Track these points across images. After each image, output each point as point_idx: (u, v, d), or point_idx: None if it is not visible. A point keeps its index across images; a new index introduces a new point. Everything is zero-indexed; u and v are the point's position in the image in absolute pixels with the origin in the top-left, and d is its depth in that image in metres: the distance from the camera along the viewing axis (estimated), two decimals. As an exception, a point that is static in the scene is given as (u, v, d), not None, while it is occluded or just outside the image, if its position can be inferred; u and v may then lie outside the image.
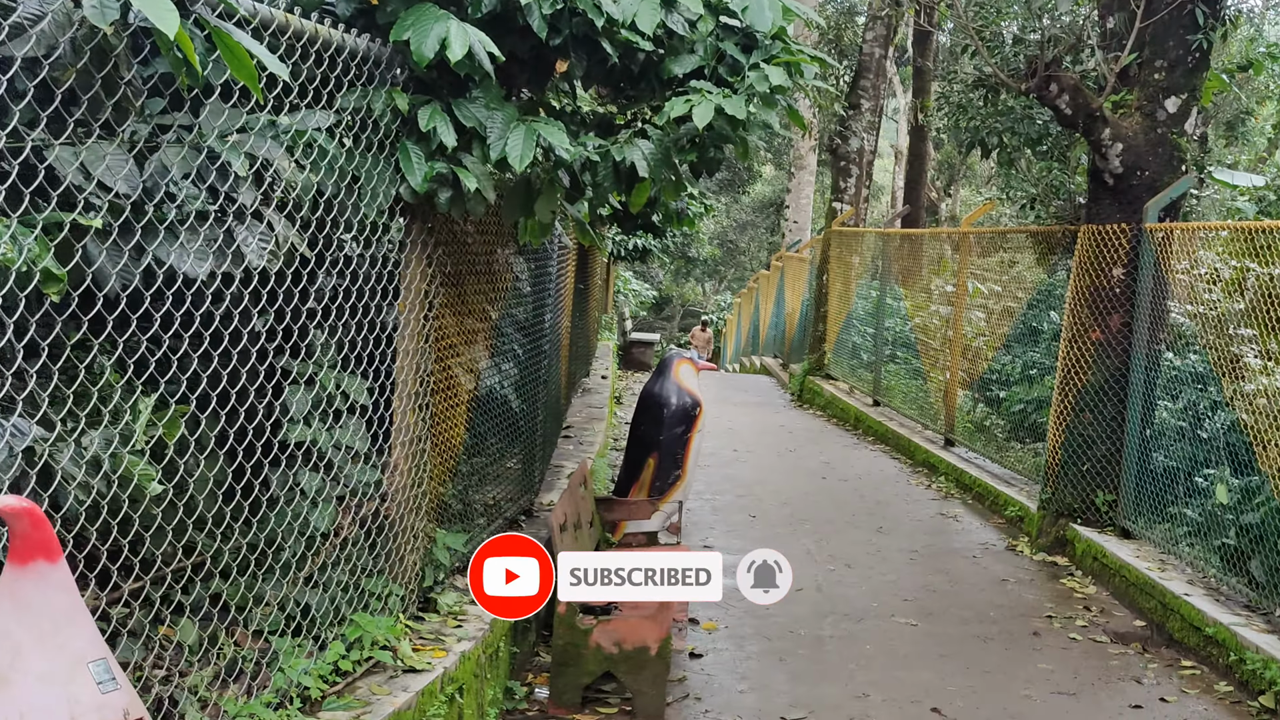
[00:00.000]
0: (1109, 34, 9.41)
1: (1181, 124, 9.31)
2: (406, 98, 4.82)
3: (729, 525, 10.49)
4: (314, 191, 4.46)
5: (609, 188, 5.45)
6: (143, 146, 3.93)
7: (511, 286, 7.35)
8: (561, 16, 4.97)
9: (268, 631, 4.65)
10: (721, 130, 5.19)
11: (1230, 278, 8.18)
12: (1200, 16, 9.10)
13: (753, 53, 5.34)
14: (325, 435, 4.82)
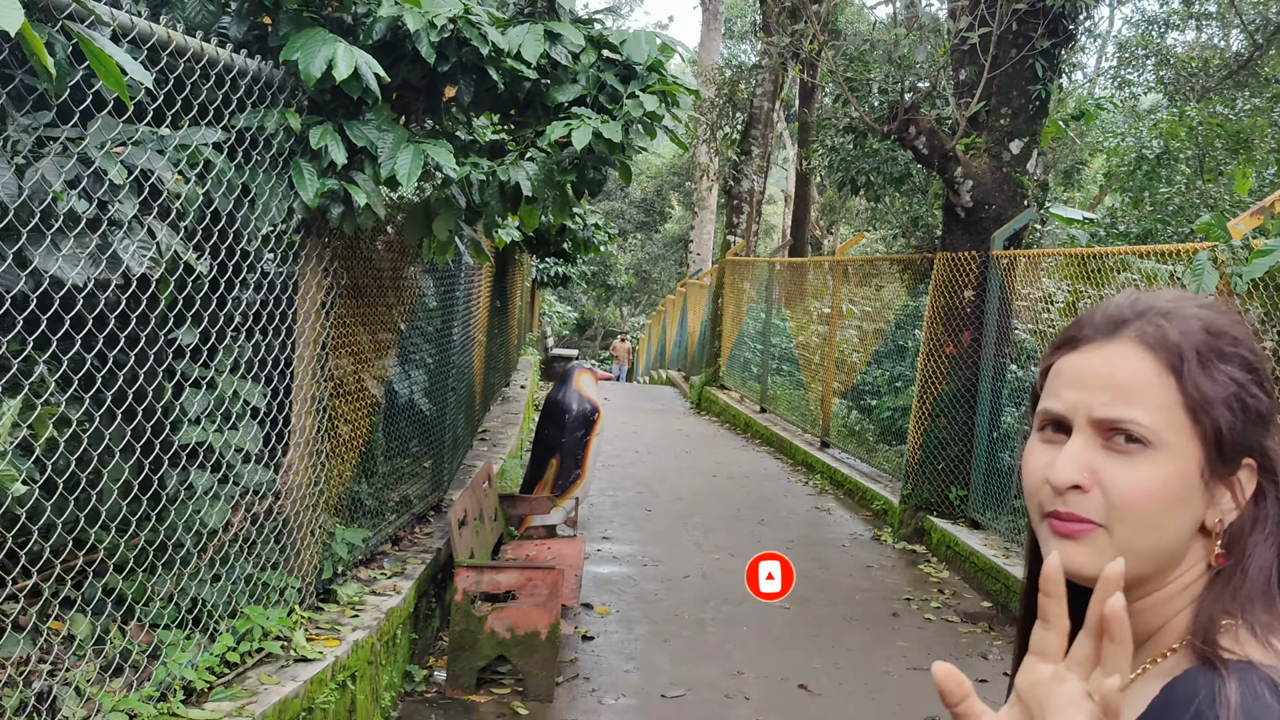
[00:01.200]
0: (961, 84, 9.28)
1: (1024, 164, 9.20)
2: (300, 118, 4.46)
3: (627, 519, 10.18)
4: (200, 203, 4.05)
5: (497, 207, 5.10)
6: (26, 155, 3.51)
7: (419, 301, 6.99)
8: (449, 44, 4.65)
9: (161, 626, 4.21)
10: (600, 153, 4.87)
11: (1066, 299, 8.03)
12: (1040, 70, 9.01)
13: (630, 83, 5.02)
14: (218, 437, 4.42)
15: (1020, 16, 8.81)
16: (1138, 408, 1.06)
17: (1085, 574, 1.04)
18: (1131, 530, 1.06)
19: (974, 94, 9.09)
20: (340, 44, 4.24)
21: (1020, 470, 1.18)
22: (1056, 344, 1.19)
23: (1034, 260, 8.70)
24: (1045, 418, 1.14)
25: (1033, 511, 1.14)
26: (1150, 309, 1.13)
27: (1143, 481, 1.05)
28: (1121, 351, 1.10)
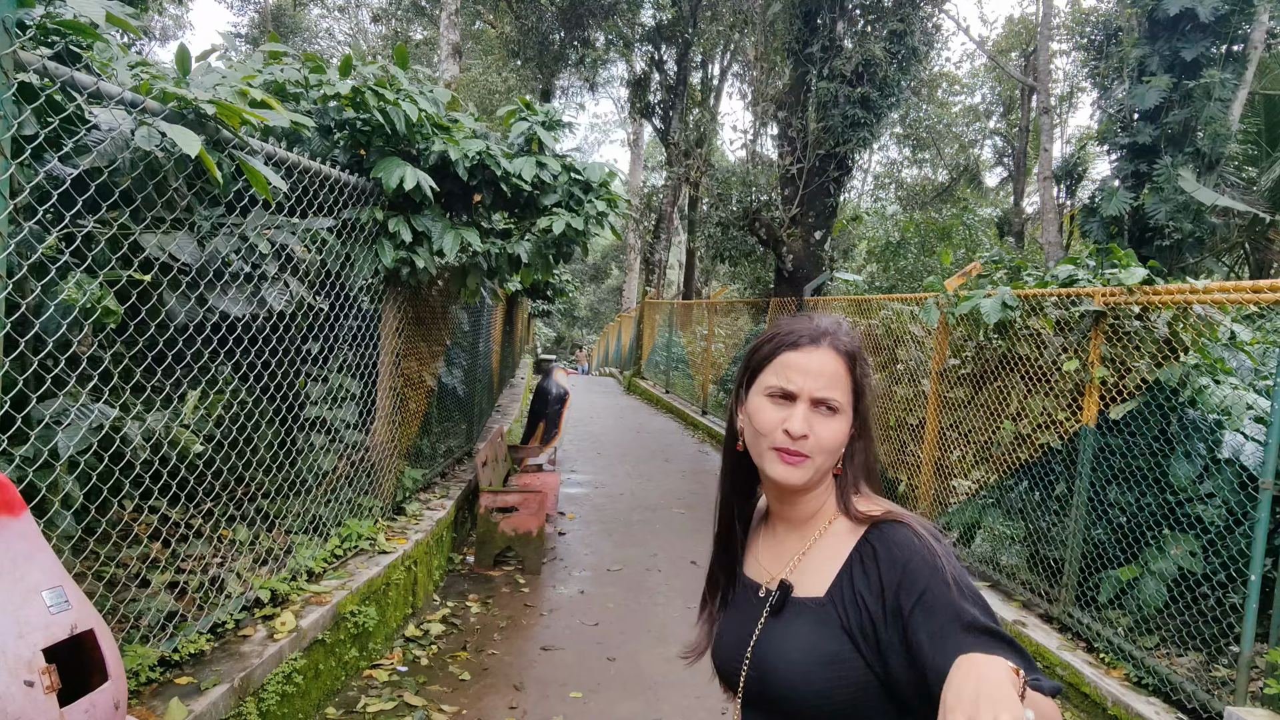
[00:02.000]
0: (785, 197, 9.25)
1: (823, 246, 9.17)
2: (382, 212, 4.21)
3: (586, 459, 9.98)
4: (319, 265, 3.81)
5: (506, 269, 4.90)
6: (205, 234, 3.26)
7: (458, 326, 6.75)
8: (477, 168, 4.45)
9: (293, 533, 3.96)
10: (570, 236, 4.71)
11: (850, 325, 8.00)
12: (831, 189, 8.98)
13: (589, 193, 4.85)
14: (330, 413, 4.17)
15: (820, 158, 8.78)
16: (837, 391, 1.13)
17: (798, 483, 1.13)
18: (824, 459, 1.13)
19: (794, 203, 9.04)
20: (408, 167, 4.02)
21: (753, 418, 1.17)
22: (778, 341, 1.18)
23: (827, 303, 8.67)
24: (778, 390, 1.14)
25: (762, 445, 1.14)
26: (837, 327, 1.19)
27: (835, 433, 1.13)
28: (825, 354, 1.14)
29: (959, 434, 5.55)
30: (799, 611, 1.14)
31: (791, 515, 1.21)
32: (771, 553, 1.23)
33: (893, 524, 1.14)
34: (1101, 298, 4.21)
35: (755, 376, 1.18)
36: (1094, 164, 17.32)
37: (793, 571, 1.18)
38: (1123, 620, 4.04)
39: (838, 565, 1.15)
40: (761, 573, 1.22)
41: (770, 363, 1.16)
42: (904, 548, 1.10)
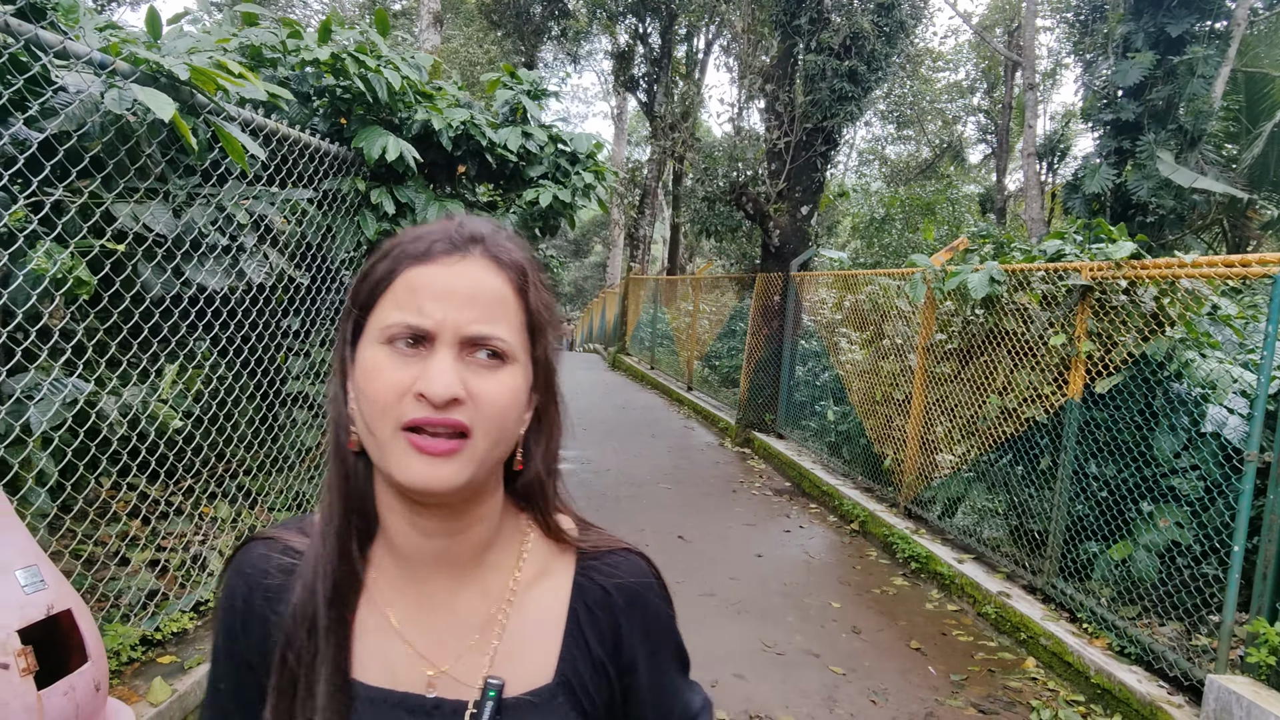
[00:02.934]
0: (772, 172, 9.16)
1: (809, 221, 9.11)
2: (364, 183, 4.10)
3: (571, 436, 9.44)
4: (299, 237, 3.71)
5: (492, 242, 4.80)
6: (180, 204, 3.15)
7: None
8: (461, 138, 4.34)
9: (275, 510, 3.89)
10: (557, 209, 4.61)
11: (835, 301, 7.98)
12: (818, 164, 8.92)
13: (576, 165, 4.75)
14: (312, 388, 4.08)
15: (808, 133, 8.70)
16: (502, 326, 0.70)
17: (452, 485, 0.67)
18: (492, 439, 0.69)
19: (780, 178, 8.97)
20: (391, 137, 3.91)
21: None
22: (398, 252, 0.72)
23: (814, 278, 8.64)
24: (402, 329, 0.68)
25: (382, 430, 0.67)
26: (495, 231, 0.75)
27: (506, 392, 0.69)
28: (479, 269, 0.70)
29: (945, 408, 5.57)
30: (526, 718, 0.73)
31: (452, 553, 0.74)
32: (424, 626, 0.74)
33: (624, 554, 0.83)
34: (1089, 272, 4.21)
35: (365, 317, 0.72)
36: (1077, 141, 17.36)
37: (494, 656, 0.74)
38: (1105, 591, 4.08)
39: (559, 623, 0.77)
40: (409, 669, 0.73)
41: (386, 289, 0.71)
42: (645, 595, 0.81)
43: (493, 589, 0.76)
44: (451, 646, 0.74)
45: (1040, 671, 3.91)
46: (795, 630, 4.24)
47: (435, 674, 0.73)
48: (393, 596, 0.75)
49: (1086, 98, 11.92)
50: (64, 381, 2.56)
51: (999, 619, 4.36)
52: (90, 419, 2.60)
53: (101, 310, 2.76)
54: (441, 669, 0.73)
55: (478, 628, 0.75)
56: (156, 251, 3.05)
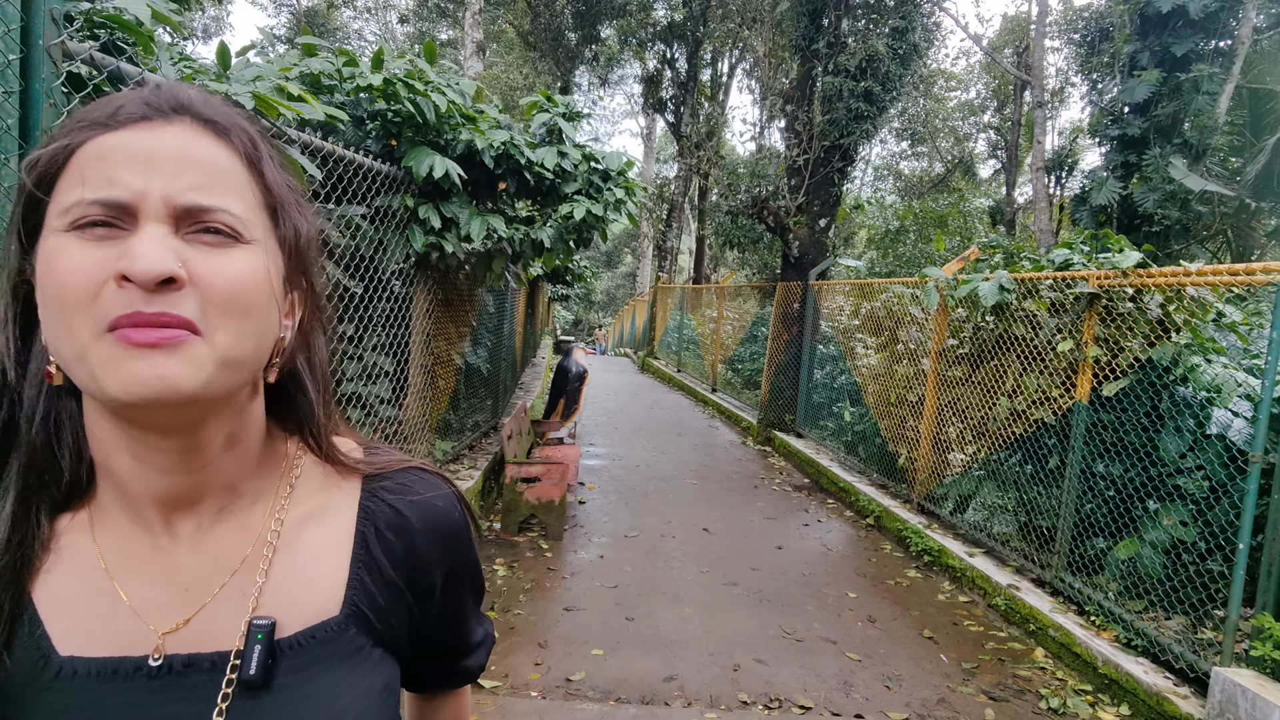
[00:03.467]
0: (792, 186, 9.10)
1: (827, 233, 9.04)
2: (413, 199, 4.15)
3: (604, 433, 9.94)
4: (353, 250, 3.76)
5: (530, 254, 4.84)
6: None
7: (484, 308, 6.71)
8: (502, 157, 4.38)
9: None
10: (590, 222, 4.63)
11: (851, 308, 7.90)
12: (835, 179, 8.85)
13: (608, 181, 4.77)
14: (365, 389, 4.14)
15: (825, 150, 8.64)
16: (229, 195, 0.53)
17: (184, 390, 0.49)
18: (235, 334, 0.51)
19: (800, 192, 8.91)
20: (437, 156, 3.96)
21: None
22: (80, 123, 0.52)
23: (831, 286, 8.57)
24: (94, 210, 0.49)
25: (80, 330, 0.48)
26: (208, 96, 0.56)
27: (245, 273, 0.52)
28: (190, 134, 0.53)
29: (956, 410, 5.48)
30: (311, 660, 0.57)
31: (198, 490, 0.57)
32: (162, 578, 0.57)
33: (417, 472, 0.68)
34: (1096, 280, 4.11)
35: (39, 208, 0.52)
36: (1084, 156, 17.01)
37: (258, 596, 0.58)
38: (1112, 585, 3.98)
39: (343, 550, 0.62)
40: (133, 632, 0.55)
41: (67, 167, 0.51)
42: (444, 512, 0.67)
43: (253, 523, 0.60)
44: (199, 594, 0.57)
45: (1049, 661, 3.82)
46: (813, 618, 4.20)
47: (173, 629, 0.55)
48: (118, 545, 0.57)
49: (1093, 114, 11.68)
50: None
51: (1009, 610, 4.28)
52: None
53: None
54: (183, 620, 0.56)
55: (233, 569, 0.58)
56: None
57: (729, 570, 4.93)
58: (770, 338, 9.67)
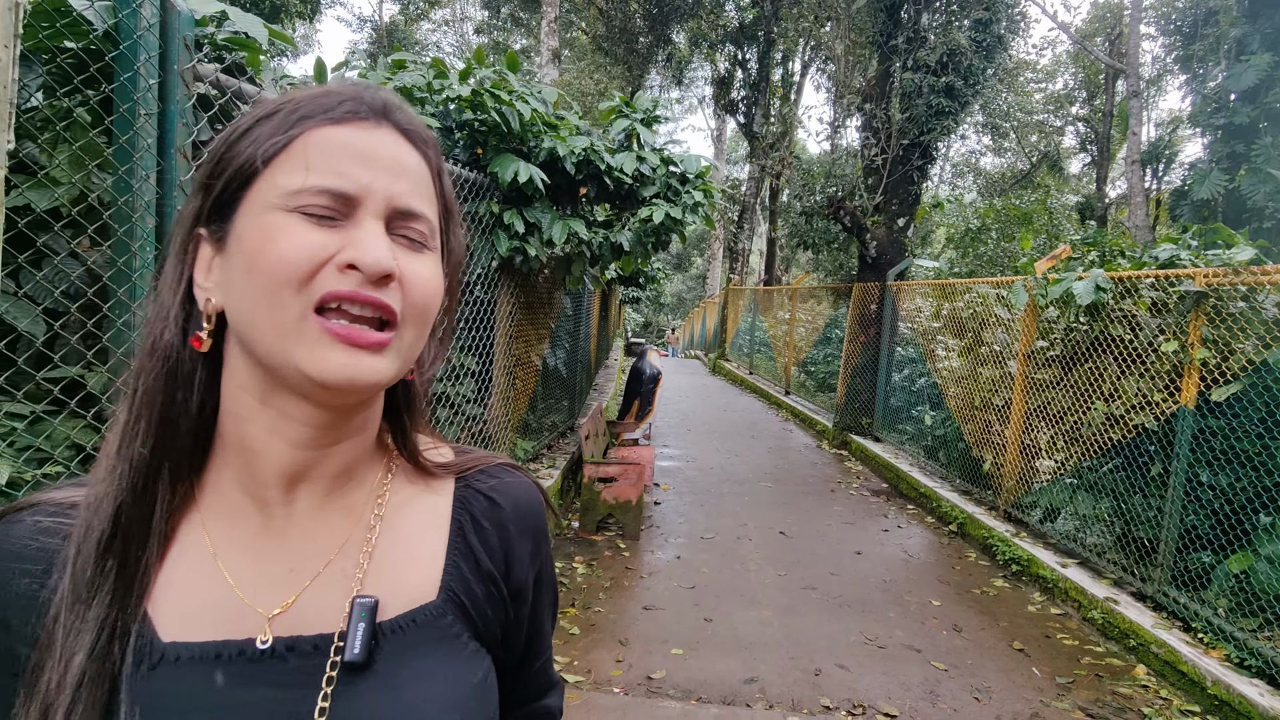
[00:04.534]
0: (870, 185, 8.91)
1: (906, 232, 8.83)
2: (498, 205, 4.27)
3: (676, 435, 9.96)
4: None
5: (609, 257, 4.91)
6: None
7: (562, 311, 6.83)
8: (583, 163, 4.46)
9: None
10: (669, 225, 4.67)
11: (932, 309, 7.68)
12: (915, 178, 8.63)
13: (686, 184, 4.79)
14: (452, 389, 4.28)
15: (904, 148, 8.44)
16: (427, 204, 0.56)
17: (380, 381, 0.53)
18: (418, 332, 0.55)
19: (877, 191, 8.73)
20: (521, 163, 4.07)
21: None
22: (296, 110, 0.54)
23: (910, 287, 8.35)
24: (322, 199, 0.51)
25: (289, 306, 0.50)
26: (402, 102, 0.59)
27: (432, 279, 0.56)
28: (396, 140, 0.56)
29: (1046, 414, 5.26)
30: (408, 645, 0.57)
31: (321, 468, 0.58)
32: (269, 559, 0.57)
33: (507, 468, 0.69)
34: (1204, 278, 3.89)
35: (246, 185, 0.53)
36: (1184, 147, 16.03)
37: (362, 578, 0.58)
38: (1221, 601, 3.75)
39: (440, 536, 0.63)
40: (239, 614, 0.55)
41: (285, 150, 0.53)
42: (536, 511, 0.68)
43: (358, 506, 0.60)
44: (303, 575, 0.57)
45: (1151, 679, 3.63)
46: (895, 625, 4.11)
47: (279, 612, 0.55)
48: (224, 528, 0.57)
49: (1195, 102, 11.01)
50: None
51: (1106, 625, 4.08)
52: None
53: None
54: (287, 603, 0.56)
55: (339, 549, 0.58)
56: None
57: (807, 574, 4.87)
58: (846, 340, 9.50)
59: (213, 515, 0.57)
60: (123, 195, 2.01)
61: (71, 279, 2.04)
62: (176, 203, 2.12)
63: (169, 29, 2.07)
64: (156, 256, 2.06)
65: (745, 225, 19.58)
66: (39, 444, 1.88)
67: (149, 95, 2.03)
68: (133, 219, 2.02)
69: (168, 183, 2.10)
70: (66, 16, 1.91)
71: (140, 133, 2.01)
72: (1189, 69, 12.06)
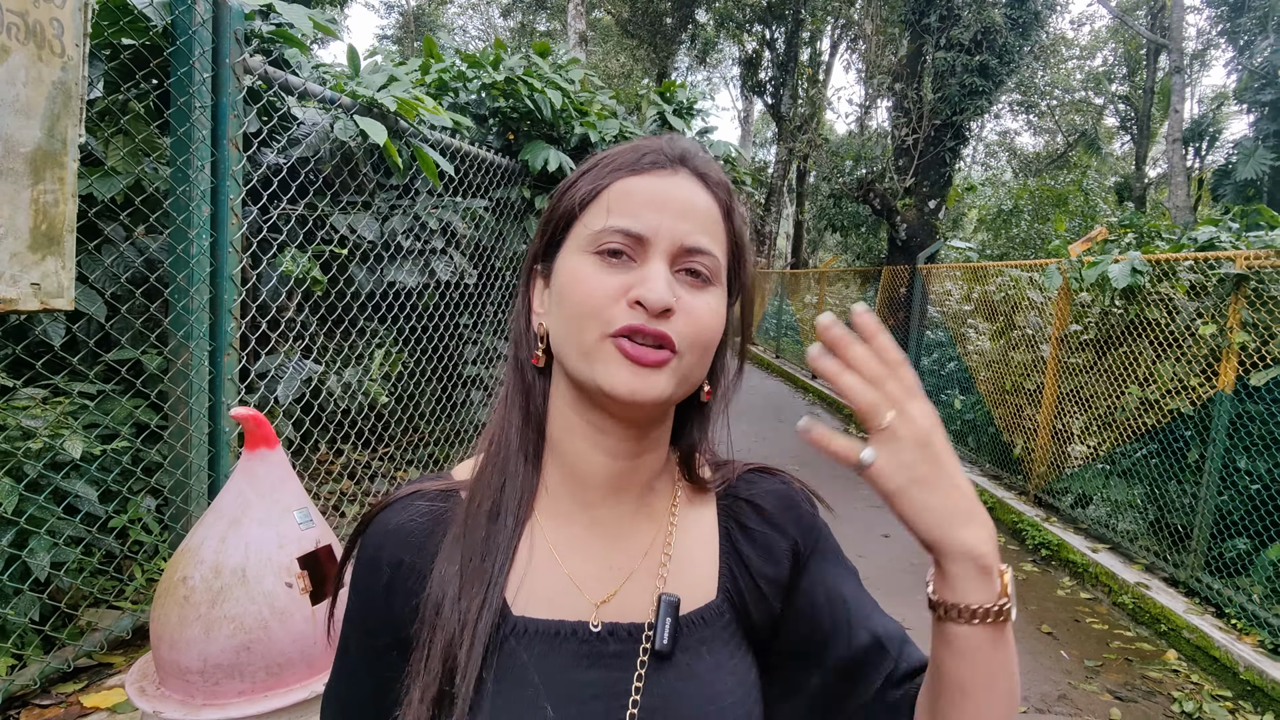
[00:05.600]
0: (900, 168, 8.83)
1: (937, 215, 8.73)
2: (529, 191, 4.33)
3: (703, 417, 9.98)
4: (478, 241, 3.98)
5: (639, 241, 4.93)
6: (385, 213, 3.47)
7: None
8: (613, 148, 4.46)
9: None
10: (698, 210, 4.66)
11: (963, 293, 7.61)
12: (947, 159, 8.51)
13: (715, 169, 4.80)
14: (484, 371, 4.37)
15: (936, 128, 8.33)
16: (713, 241, 0.63)
17: (660, 396, 0.60)
18: (695, 358, 0.62)
19: (908, 173, 8.64)
20: (552, 150, 4.12)
21: (588, 298, 0.60)
22: (607, 165, 0.64)
23: (941, 270, 8.28)
24: (616, 234, 0.60)
25: (586, 336, 0.60)
26: (700, 150, 0.67)
27: (712, 313, 0.62)
28: (690, 184, 0.63)
29: (1079, 399, 5.23)
30: (700, 640, 0.65)
31: (630, 477, 0.67)
32: (592, 555, 0.67)
33: (759, 472, 0.76)
34: (1244, 260, 3.83)
35: (567, 229, 0.65)
36: (1228, 124, 15.57)
37: (666, 577, 0.66)
38: (1257, 588, 3.73)
39: (713, 543, 0.70)
40: (573, 600, 0.65)
41: (594, 199, 0.63)
42: (789, 497, 0.75)
43: (658, 514, 0.69)
44: (621, 571, 0.66)
45: (1182, 664, 3.63)
46: (924, 607, 4.12)
47: (604, 601, 0.64)
48: (559, 525, 0.67)
49: (1241, 78, 10.69)
50: (302, 363, 2.90)
51: (1137, 609, 4.08)
52: (321, 394, 2.94)
53: (329, 304, 3.10)
54: (610, 594, 0.65)
55: (645, 551, 0.67)
56: (369, 255, 3.39)
57: None
58: (875, 323, 9.46)
59: (546, 516, 0.67)
60: (180, 185, 2.11)
61: (135, 265, 2.15)
62: (230, 191, 2.21)
63: (221, 24, 2.15)
64: (213, 244, 2.16)
65: (772, 208, 19.44)
66: (107, 421, 2.00)
67: (204, 88, 2.11)
68: (190, 208, 2.11)
69: (221, 172, 2.19)
70: (128, 14, 2.00)
71: (196, 124, 2.10)
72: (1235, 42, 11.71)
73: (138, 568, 2.24)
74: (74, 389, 1.99)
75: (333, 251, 2.86)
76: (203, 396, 2.18)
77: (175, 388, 2.13)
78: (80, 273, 2.07)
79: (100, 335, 2.08)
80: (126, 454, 2.15)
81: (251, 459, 1.62)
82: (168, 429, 2.16)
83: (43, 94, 1.56)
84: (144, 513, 2.22)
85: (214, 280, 2.21)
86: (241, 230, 2.33)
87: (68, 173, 1.61)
